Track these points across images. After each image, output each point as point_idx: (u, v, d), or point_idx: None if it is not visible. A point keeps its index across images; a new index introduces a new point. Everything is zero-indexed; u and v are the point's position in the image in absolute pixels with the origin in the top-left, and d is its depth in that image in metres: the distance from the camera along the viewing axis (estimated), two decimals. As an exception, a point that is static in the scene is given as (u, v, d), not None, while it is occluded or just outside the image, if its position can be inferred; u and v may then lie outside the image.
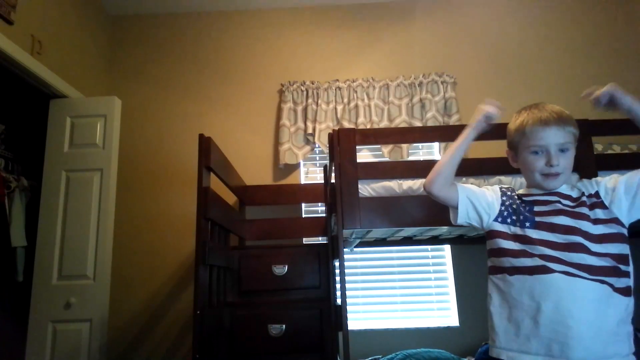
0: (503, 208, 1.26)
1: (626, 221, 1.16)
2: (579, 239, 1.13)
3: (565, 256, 1.12)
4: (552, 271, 1.11)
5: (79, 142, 2.80)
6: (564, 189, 1.24)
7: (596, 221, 1.16)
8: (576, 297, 1.08)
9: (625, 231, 1.16)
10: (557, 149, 1.19)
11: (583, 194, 1.21)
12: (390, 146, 3.08)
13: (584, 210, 1.17)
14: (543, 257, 1.13)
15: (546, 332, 1.09)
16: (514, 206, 1.25)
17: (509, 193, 1.29)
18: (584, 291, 1.08)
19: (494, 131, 1.33)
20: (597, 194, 1.20)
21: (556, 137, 1.19)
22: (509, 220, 1.23)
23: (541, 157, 1.21)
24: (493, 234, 1.25)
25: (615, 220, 1.16)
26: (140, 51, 3.45)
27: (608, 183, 1.21)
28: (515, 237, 1.20)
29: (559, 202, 1.20)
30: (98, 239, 2.69)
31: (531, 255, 1.15)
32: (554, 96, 3.26)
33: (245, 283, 2.52)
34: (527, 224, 1.19)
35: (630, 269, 1.14)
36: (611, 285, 1.10)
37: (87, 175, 2.76)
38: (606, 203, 1.18)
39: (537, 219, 1.19)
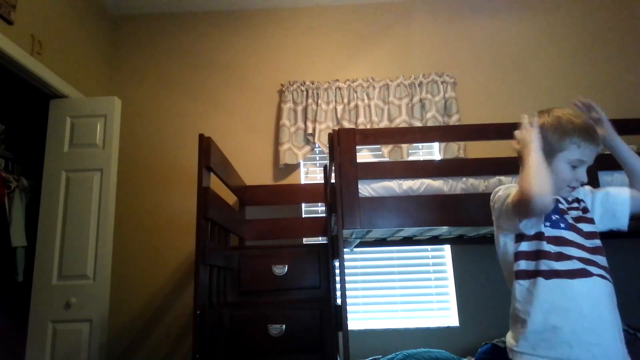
0: None
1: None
2: (599, 243, 1.17)
3: (597, 259, 1.14)
4: (591, 274, 1.10)
5: (79, 142, 2.81)
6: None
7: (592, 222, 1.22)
8: (607, 300, 1.11)
9: None
10: (588, 165, 1.22)
11: (577, 199, 1.25)
12: (390, 146, 3.08)
13: (589, 215, 1.22)
14: (581, 259, 1.12)
15: (588, 336, 1.06)
16: None
17: None
18: (611, 294, 1.12)
19: (495, 132, 1.33)
20: (578, 200, 1.26)
21: (593, 155, 1.22)
22: (546, 222, 1.17)
23: (576, 170, 1.20)
24: (528, 236, 1.18)
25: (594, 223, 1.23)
26: (140, 51, 3.45)
27: (589, 195, 1.29)
28: (553, 239, 1.15)
29: (572, 208, 1.23)
30: (98, 239, 2.69)
31: (569, 257, 1.12)
32: (554, 96, 3.26)
33: (245, 283, 2.52)
34: (562, 225, 1.17)
35: None
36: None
37: (87, 175, 2.76)
38: (591, 205, 1.26)
39: (570, 220, 1.18)
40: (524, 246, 1.18)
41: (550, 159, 1.19)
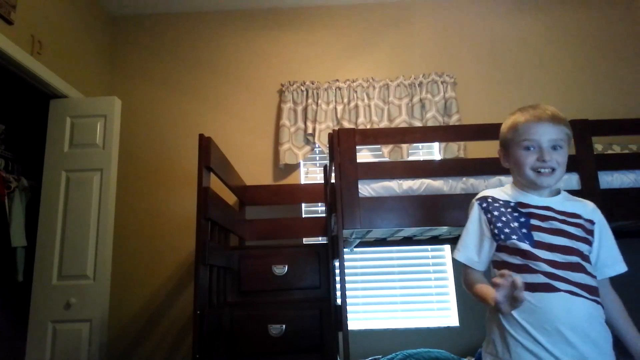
0: (492, 227, 1.21)
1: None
2: (577, 259, 1.12)
3: (568, 275, 1.10)
4: (556, 290, 1.08)
5: (79, 142, 2.81)
6: (559, 202, 1.21)
7: (586, 241, 1.16)
8: (580, 316, 1.07)
9: None
10: (549, 145, 1.18)
11: (580, 216, 1.19)
12: (390, 146, 3.08)
13: (580, 232, 1.16)
14: (547, 274, 1.10)
15: (554, 350, 1.05)
16: (504, 218, 1.20)
17: (490, 207, 1.24)
18: (586, 310, 1.08)
19: (495, 132, 1.33)
20: (591, 222, 1.20)
21: (549, 133, 1.18)
22: (502, 235, 1.18)
23: (533, 152, 1.19)
24: (500, 246, 1.21)
25: (590, 243, 1.18)
26: (140, 51, 3.45)
27: (602, 225, 1.21)
28: (517, 251, 1.15)
29: (555, 218, 1.17)
30: (98, 239, 2.69)
31: (534, 271, 1.11)
32: (553, 96, 3.26)
33: (245, 283, 2.52)
34: (527, 242, 1.15)
35: None
36: (600, 304, 1.12)
37: (87, 175, 2.76)
38: (595, 235, 1.19)
39: (536, 237, 1.15)
40: (496, 256, 1.22)
41: (509, 153, 1.26)
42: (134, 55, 3.44)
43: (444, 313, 2.99)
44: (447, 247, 3.07)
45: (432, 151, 3.27)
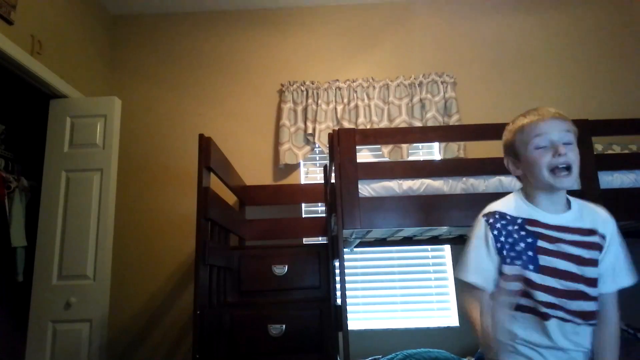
0: (499, 245, 1.15)
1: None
2: (580, 287, 1.11)
3: (564, 303, 1.10)
4: (549, 317, 1.10)
5: (79, 142, 2.80)
6: (572, 218, 1.15)
7: (596, 263, 1.13)
8: (566, 336, 1.10)
9: None
10: (561, 140, 1.11)
11: (596, 232, 1.13)
12: (390, 146, 3.08)
13: (591, 253, 1.12)
14: (543, 303, 1.10)
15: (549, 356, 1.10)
16: (510, 240, 1.14)
17: (498, 224, 1.17)
18: (572, 333, 1.10)
19: (495, 132, 1.33)
20: (603, 237, 1.15)
21: (558, 126, 1.12)
22: (508, 260, 1.13)
23: (547, 150, 1.12)
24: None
25: (597, 264, 1.15)
26: (141, 51, 3.45)
27: (612, 237, 1.15)
28: (517, 278, 1.13)
29: (564, 240, 1.12)
30: (98, 239, 2.69)
31: (532, 298, 1.12)
32: (553, 96, 3.26)
33: (245, 283, 2.52)
34: (531, 267, 1.11)
35: None
36: (593, 325, 1.13)
37: (87, 175, 2.76)
38: (604, 249, 1.15)
39: (541, 262, 1.11)
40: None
41: (519, 158, 1.19)
42: (134, 55, 3.44)
43: (444, 313, 2.99)
44: (447, 247, 3.07)
45: (432, 151, 3.27)
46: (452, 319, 2.95)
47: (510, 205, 1.20)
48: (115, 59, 3.43)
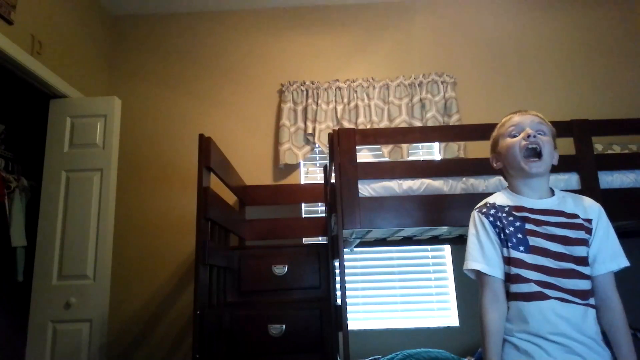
0: (497, 230, 1.21)
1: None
2: (571, 266, 1.13)
3: (560, 282, 1.11)
4: (547, 297, 1.10)
5: (79, 142, 2.80)
6: (556, 203, 1.21)
7: (583, 242, 1.16)
8: (573, 323, 1.09)
9: None
10: (534, 128, 1.21)
11: (578, 216, 1.18)
12: (390, 146, 3.08)
13: (577, 234, 1.16)
14: (539, 282, 1.12)
15: (554, 351, 1.09)
16: (499, 224, 1.21)
17: (491, 212, 1.24)
18: (578, 317, 1.09)
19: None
20: (589, 220, 1.19)
21: (532, 119, 1.23)
22: (509, 244, 1.18)
23: (519, 137, 1.23)
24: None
25: (587, 244, 1.17)
26: (140, 51, 3.45)
27: (600, 219, 1.19)
28: (509, 260, 1.17)
29: (549, 223, 1.17)
30: (98, 239, 2.69)
31: (526, 280, 1.13)
32: (553, 96, 3.27)
33: (245, 283, 2.52)
34: (521, 248, 1.16)
35: None
36: (593, 307, 1.13)
37: (87, 175, 2.76)
38: (593, 231, 1.18)
39: (531, 242, 1.16)
40: None
41: (501, 146, 1.29)
42: (134, 55, 3.44)
43: (444, 313, 2.99)
44: (447, 247, 3.07)
45: (432, 151, 3.27)
46: (452, 319, 2.95)
47: (497, 198, 1.29)
48: (115, 59, 3.43)
